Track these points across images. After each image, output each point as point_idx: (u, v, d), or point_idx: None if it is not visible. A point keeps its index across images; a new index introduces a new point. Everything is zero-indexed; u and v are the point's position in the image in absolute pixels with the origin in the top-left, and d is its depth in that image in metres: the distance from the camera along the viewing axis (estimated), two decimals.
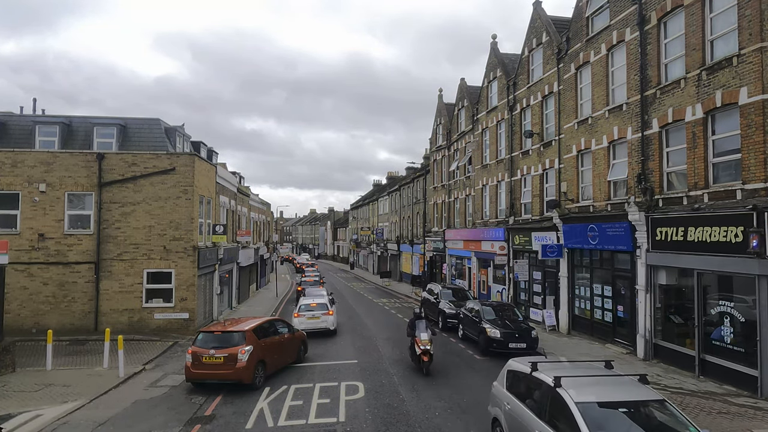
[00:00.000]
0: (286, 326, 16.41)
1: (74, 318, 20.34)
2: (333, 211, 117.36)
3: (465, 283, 33.20)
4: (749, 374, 12.26)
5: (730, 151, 13.12)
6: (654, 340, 15.81)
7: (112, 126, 23.54)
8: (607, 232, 17.61)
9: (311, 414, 11.34)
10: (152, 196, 20.82)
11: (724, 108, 13.21)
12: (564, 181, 21.08)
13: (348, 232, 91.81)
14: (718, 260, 12.97)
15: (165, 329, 20.50)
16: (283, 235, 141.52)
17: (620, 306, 17.63)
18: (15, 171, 20.24)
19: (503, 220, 27.13)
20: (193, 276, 21.07)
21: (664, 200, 15.22)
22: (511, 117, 26.70)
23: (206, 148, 31.33)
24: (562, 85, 21.57)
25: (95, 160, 20.60)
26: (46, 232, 20.26)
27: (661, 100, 15.49)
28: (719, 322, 13.37)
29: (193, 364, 13.24)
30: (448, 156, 38.55)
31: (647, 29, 16.11)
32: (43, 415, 11.18)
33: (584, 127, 19.65)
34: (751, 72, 12.30)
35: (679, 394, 12.24)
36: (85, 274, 20.46)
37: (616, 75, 18.05)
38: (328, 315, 21.35)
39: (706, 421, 10.38)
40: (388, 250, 58.21)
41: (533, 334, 17.21)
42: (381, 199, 66.11)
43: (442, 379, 14.16)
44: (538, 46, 24.14)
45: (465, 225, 33.91)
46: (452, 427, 10.48)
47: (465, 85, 35.69)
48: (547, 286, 22.90)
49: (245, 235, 32.19)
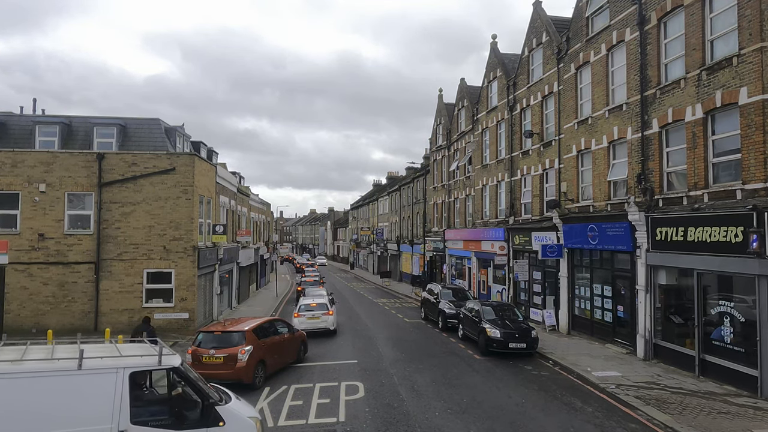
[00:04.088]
0: (286, 326, 16.42)
1: (74, 318, 20.33)
2: (333, 211, 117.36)
3: (465, 283, 33.20)
4: (749, 374, 12.26)
5: (730, 151, 13.12)
6: (654, 340, 15.81)
7: (112, 126, 23.53)
8: (607, 232, 17.61)
9: (311, 414, 11.34)
10: (152, 196, 20.81)
11: (724, 108, 13.20)
12: (564, 181, 21.08)
13: (348, 232, 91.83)
14: (718, 260, 12.97)
15: (165, 329, 20.45)
16: (283, 235, 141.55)
17: (620, 306, 17.63)
18: (15, 171, 20.23)
19: (503, 220, 27.13)
20: (193, 276, 21.06)
21: (664, 200, 15.22)
22: (511, 117, 26.70)
23: (206, 148, 31.33)
24: (562, 85, 21.57)
25: (95, 160, 20.60)
26: (46, 232, 20.25)
27: (661, 100, 15.50)
28: (719, 322, 13.37)
29: (193, 364, 13.21)
30: (448, 156, 38.55)
31: (647, 29, 16.11)
32: None
33: (584, 127, 19.65)
34: (751, 72, 12.30)
35: (679, 394, 12.25)
36: (85, 274, 20.45)
37: (616, 75, 18.05)
38: (328, 315, 21.35)
39: (706, 421, 10.39)
40: (388, 250, 58.22)
41: (533, 334, 17.22)
42: (381, 199, 66.12)
43: (442, 378, 14.16)
44: (538, 46, 24.15)
45: (465, 225, 33.91)
46: (452, 427, 10.48)
47: (465, 85, 35.70)
48: (547, 286, 22.90)
49: (245, 235, 32.19)
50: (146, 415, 7.51)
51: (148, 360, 7.65)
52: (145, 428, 7.26)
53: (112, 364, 7.30)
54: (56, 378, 7.00)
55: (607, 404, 11.98)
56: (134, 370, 7.44)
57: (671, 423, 10.36)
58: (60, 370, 7.07)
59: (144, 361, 7.62)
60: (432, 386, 13.39)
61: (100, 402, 7.03)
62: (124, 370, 7.28)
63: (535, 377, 14.44)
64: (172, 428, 7.44)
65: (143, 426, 7.25)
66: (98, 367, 7.20)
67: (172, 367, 7.68)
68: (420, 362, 16.16)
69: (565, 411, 11.50)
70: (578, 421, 10.87)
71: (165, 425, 7.45)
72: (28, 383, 6.91)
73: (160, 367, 7.66)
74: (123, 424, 7.07)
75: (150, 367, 7.74)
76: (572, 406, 11.78)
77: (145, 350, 8.04)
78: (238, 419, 7.92)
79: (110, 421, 7.02)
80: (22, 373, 6.94)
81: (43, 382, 6.94)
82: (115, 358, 7.43)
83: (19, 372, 6.95)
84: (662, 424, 10.42)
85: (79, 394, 7.00)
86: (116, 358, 7.44)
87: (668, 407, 11.29)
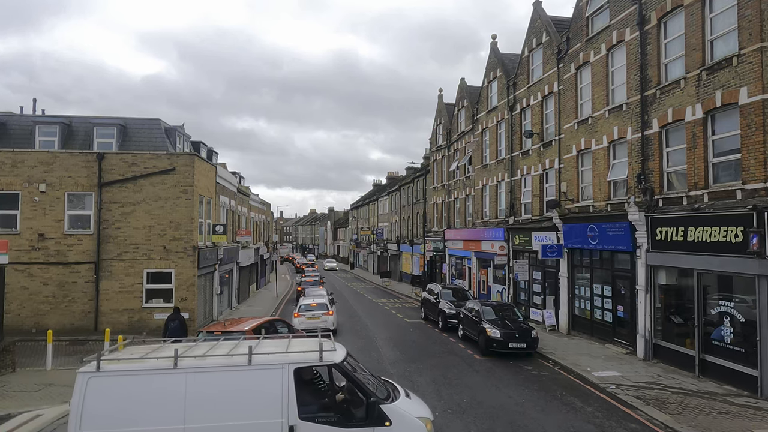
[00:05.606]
0: (286, 326, 16.40)
1: (74, 318, 20.34)
2: (333, 211, 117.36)
3: (465, 283, 33.20)
4: (749, 374, 12.26)
5: (730, 151, 13.11)
6: (654, 340, 15.81)
7: (112, 126, 23.54)
8: (607, 232, 17.61)
9: None
10: (152, 196, 20.81)
11: (724, 108, 13.20)
12: (564, 181, 21.08)
13: (348, 232, 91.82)
14: (718, 260, 12.97)
15: None
16: (283, 235, 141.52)
17: (620, 306, 17.63)
18: (15, 171, 20.23)
19: (503, 220, 27.13)
20: (193, 276, 21.06)
21: (664, 200, 15.22)
22: (511, 117, 26.70)
23: (206, 148, 31.35)
24: (562, 85, 21.57)
25: (95, 160, 20.60)
26: (46, 232, 20.26)
27: (661, 100, 15.50)
28: (719, 322, 13.37)
29: None
30: (448, 156, 38.55)
31: (647, 29, 16.11)
32: (43, 415, 11.17)
33: (584, 127, 19.65)
34: (751, 72, 12.30)
35: (679, 394, 12.25)
36: (85, 274, 20.46)
37: (616, 75, 18.05)
38: (328, 315, 21.35)
39: (706, 421, 10.39)
40: (388, 250, 58.21)
41: (533, 334, 17.22)
42: (381, 199, 66.12)
43: (442, 378, 14.16)
44: (538, 46, 24.15)
45: (465, 225, 33.91)
46: (452, 427, 10.47)
47: (465, 85, 35.71)
48: (547, 286, 22.90)
49: (245, 235, 32.20)
50: (313, 411, 7.56)
51: (310, 356, 7.69)
52: (312, 424, 7.31)
53: (278, 360, 7.49)
54: (232, 373, 7.39)
55: (607, 404, 11.98)
56: (298, 366, 7.55)
57: (671, 423, 10.36)
58: (235, 365, 7.43)
59: (306, 357, 7.68)
60: (432, 386, 13.39)
61: (269, 397, 7.28)
62: (288, 365, 7.44)
63: (535, 377, 14.44)
64: (337, 425, 7.39)
65: (310, 422, 7.31)
66: (265, 363, 7.45)
67: (333, 363, 7.68)
68: (420, 362, 16.16)
69: (565, 411, 11.50)
70: (578, 421, 10.87)
71: (331, 422, 7.42)
72: (214, 377, 7.37)
73: (321, 363, 7.68)
74: (292, 419, 7.22)
75: (311, 363, 7.76)
76: (572, 406, 11.78)
77: (310, 345, 8.09)
78: (406, 419, 7.63)
79: (280, 416, 7.22)
80: (208, 367, 7.41)
81: (223, 376, 7.38)
82: (280, 354, 7.61)
83: (205, 366, 7.42)
84: (662, 424, 10.42)
85: (251, 388, 7.31)
86: (281, 354, 7.62)
87: (668, 407, 11.29)
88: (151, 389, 7.18)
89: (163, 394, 7.17)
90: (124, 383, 7.20)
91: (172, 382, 7.23)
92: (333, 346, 8.02)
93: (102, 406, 7.07)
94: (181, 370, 7.29)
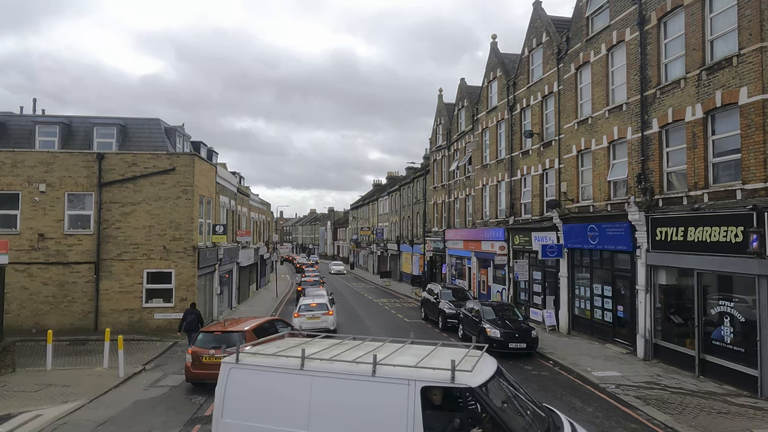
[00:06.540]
0: (286, 326, 16.40)
1: (74, 318, 20.33)
2: (333, 211, 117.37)
3: (465, 283, 33.19)
4: (749, 374, 12.26)
5: (730, 151, 13.11)
6: (654, 340, 15.80)
7: (112, 126, 23.54)
8: (607, 232, 17.61)
9: None
10: (152, 196, 20.81)
11: (724, 108, 13.20)
12: (564, 181, 21.08)
13: (348, 232, 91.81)
14: (718, 260, 12.97)
15: (165, 329, 20.48)
16: (283, 235, 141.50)
17: (620, 306, 17.63)
18: (15, 171, 20.23)
19: (503, 220, 27.13)
20: (193, 276, 21.06)
21: (664, 200, 15.22)
22: (511, 117, 26.70)
23: (206, 148, 31.35)
24: (562, 85, 21.57)
25: (95, 160, 20.59)
26: (46, 232, 20.25)
27: (661, 100, 15.49)
28: (719, 322, 13.36)
29: (193, 364, 13.25)
30: (448, 156, 38.55)
31: (647, 29, 16.11)
32: (43, 415, 11.17)
33: (584, 127, 19.65)
34: (751, 72, 12.30)
35: (679, 394, 12.25)
36: (85, 274, 20.45)
37: (616, 75, 18.05)
38: (328, 315, 21.35)
39: (706, 421, 10.39)
40: (388, 250, 58.21)
41: (533, 334, 17.22)
42: (381, 199, 66.11)
43: None
44: (538, 46, 24.14)
45: (465, 225, 33.91)
46: None
47: (465, 85, 35.71)
48: (547, 286, 22.89)
49: (245, 235, 32.19)
50: None
51: (440, 375, 6.42)
52: None
53: (404, 375, 6.48)
54: (355, 382, 6.67)
55: (607, 404, 11.98)
56: (426, 385, 6.43)
57: (671, 423, 10.37)
58: (358, 374, 6.68)
59: (436, 375, 6.44)
60: None
61: (392, 415, 6.36)
62: (415, 382, 6.39)
63: (535, 377, 14.44)
64: None
65: None
66: (390, 376, 6.52)
67: (467, 387, 6.38)
68: None
69: (565, 411, 11.44)
70: (578, 421, 10.81)
71: None
72: (337, 383, 6.79)
73: (453, 385, 6.36)
74: None
75: (441, 383, 6.47)
76: (572, 406, 11.77)
77: (444, 361, 6.65)
78: None
79: None
80: (331, 373, 6.83)
81: (346, 385, 6.73)
82: (407, 368, 6.57)
83: (329, 371, 6.86)
84: (662, 424, 10.42)
85: (374, 402, 6.50)
86: (408, 368, 6.56)
87: (668, 407, 11.29)
88: (279, 387, 6.99)
89: (290, 395, 6.90)
90: (258, 378, 7.11)
91: (299, 383, 6.88)
92: (472, 364, 6.70)
93: (240, 398, 7.09)
94: (307, 372, 6.86)
